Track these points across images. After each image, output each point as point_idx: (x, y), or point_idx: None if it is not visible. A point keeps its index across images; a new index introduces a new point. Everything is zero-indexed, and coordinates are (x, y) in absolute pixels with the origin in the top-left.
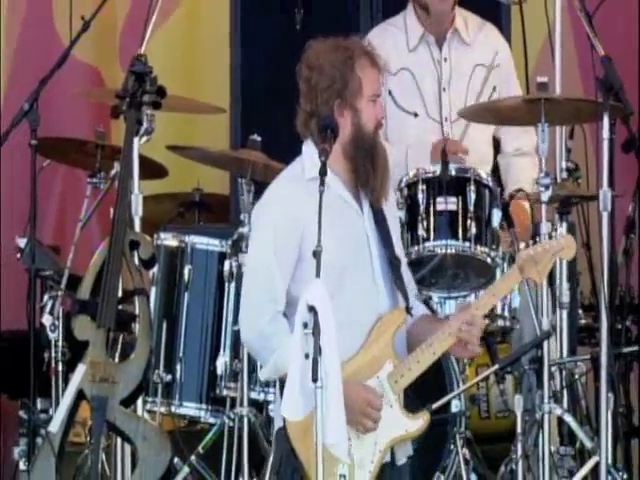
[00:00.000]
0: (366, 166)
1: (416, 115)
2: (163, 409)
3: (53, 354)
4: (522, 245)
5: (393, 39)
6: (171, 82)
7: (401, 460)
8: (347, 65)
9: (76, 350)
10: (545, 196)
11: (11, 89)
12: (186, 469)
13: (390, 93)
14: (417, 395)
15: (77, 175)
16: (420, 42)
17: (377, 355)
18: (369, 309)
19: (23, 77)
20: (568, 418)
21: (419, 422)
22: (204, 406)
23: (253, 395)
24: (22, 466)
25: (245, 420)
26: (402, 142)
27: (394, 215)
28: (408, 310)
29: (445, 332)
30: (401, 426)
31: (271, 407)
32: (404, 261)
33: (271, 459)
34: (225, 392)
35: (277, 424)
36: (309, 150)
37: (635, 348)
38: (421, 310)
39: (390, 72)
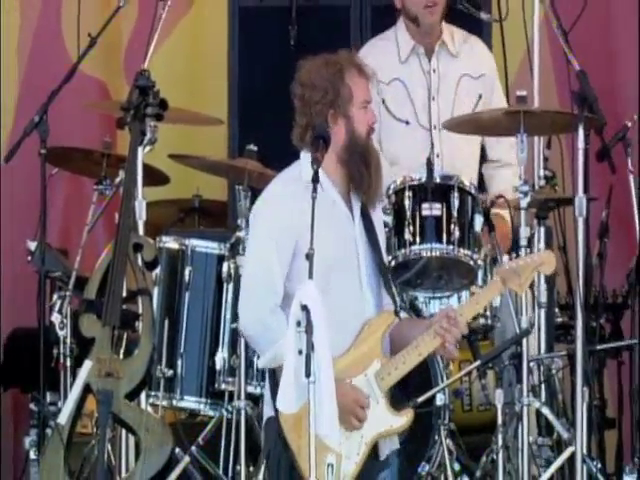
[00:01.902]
0: (360, 169)
1: (407, 123)
2: (165, 402)
3: (62, 350)
4: (505, 258)
5: (385, 52)
6: (173, 95)
7: (384, 454)
8: (337, 76)
9: (83, 347)
10: (524, 202)
11: (23, 101)
12: (187, 459)
13: (384, 102)
14: (403, 389)
15: (83, 182)
16: (411, 54)
17: (366, 354)
18: (354, 312)
19: (34, 90)
20: (546, 411)
21: (403, 419)
22: (204, 399)
23: (250, 389)
24: (32, 455)
25: (242, 412)
26: (394, 150)
27: (380, 222)
28: (396, 313)
29: (431, 334)
30: (386, 422)
31: None
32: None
33: (262, 447)
34: (223, 386)
35: (267, 413)
36: (307, 158)
37: (609, 345)
38: (404, 314)
39: (383, 82)
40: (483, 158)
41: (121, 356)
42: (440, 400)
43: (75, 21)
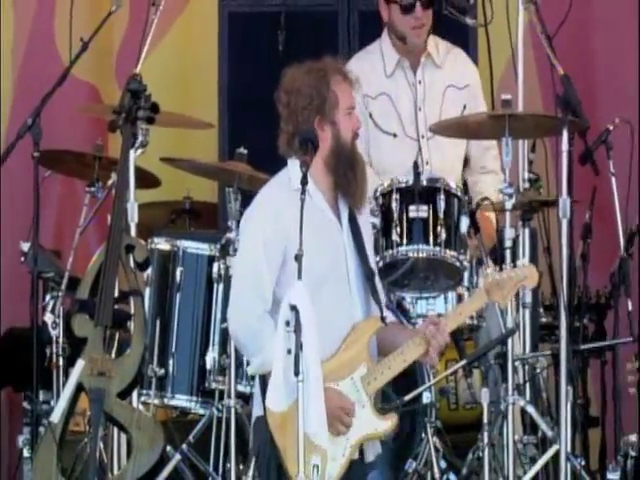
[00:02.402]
0: (347, 174)
1: (395, 135)
2: (156, 401)
3: (54, 350)
4: (489, 270)
5: (371, 66)
6: (164, 99)
7: (370, 457)
8: (322, 83)
9: (76, 346)
10: (509, 204)
11: (16, 105)
12: (178, 456)
13: (371, 116)
14: (391, 388)
15: (76, 185)
16: (396, 68)
17: (353, 358)
18: (344, 317)
19: (27, 94)
20: (530, 409)
21: (388, 423)
22: (194, 398)
23: (240, 388)
24: (26, 453)
25: (232, 411)
26: (383, 162)
27: (367, 228)
28: (382, 319)
29: (416, 341)
30: (371, 425)
31: None
32: (375, 272)
33: (250, 445)
34: (214, 385)
35: (256, 413)
36: (295, 164)
37: (592, 345)
38: (390, 318)
39: (370, 96)
40: (466, 163)
41: (113, 355)
42: (426, 398)
43: (67, 26)
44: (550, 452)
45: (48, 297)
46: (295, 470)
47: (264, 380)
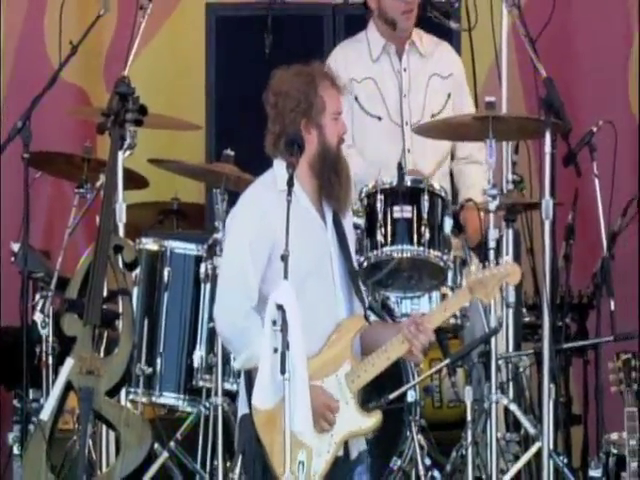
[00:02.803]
0: (332, 177)
1: (380, 119)
2: (144, 399)
3: (44, 349)
4: (473, 267)
5: (357, 51)
6: (152, 101)
7: (354, 454)
8: (310, 87)
9: (65, 345)
10: (493, 205)
11: (6, 107)
12: (165, 454)
13: (356, 99)
14: (376, 386)
15: (65, 186)
16: (382, 53)
17: (337, 356)
18: (328, 315)
19: (17, 96)
20: (513, 407)
21: (372, 420)
22: (182, 396)
23: (227, 386)
24: (16, 450)
25: (219, 409)
26: (367, 144)
27: (351, 229)
28: (366, 317)
29: (399, 339)
30: (356, 422)
31: None
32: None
33: (236, 443)
34: (201, 383)
35: (242, 411)
36: (280, 165)
37: (574, 344)
38: (373, 318)
39: (356, 80)
40: (451, 156)
41: (102, 354)
42: (411, 397)
43: (57, 29)
44: (533, 449)
45: (38, 297)
46: (281, 468)
47: (249, 379)
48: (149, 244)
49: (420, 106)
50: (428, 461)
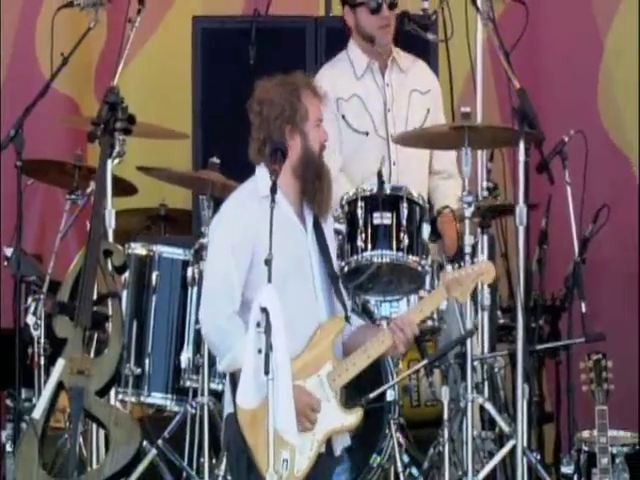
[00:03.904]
0: (314, 183)
1: (367, 134)
2: (133, 398)
3: (36, 350)
4: (449, 267)
5: (342, 71)
6: (140, 110)
7: (338, 451)
8: (294, 95)
9: (56, 346)
10: (468, 212)
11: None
12: (154, 451)
13: (344, 117)
14: (356, 386)
15: (57, 192)
16: (366, 70)
17: (318, 356)
18: (309, 317)
19: (10, 106)
20: (488, 406)
21: (353, 417)
22: (169, 396)
23: (213, 386)
24: (8, 448)
25: (206, 408)
26: (356, 159)
27: (331, 233)
28: (347, 319)
29: (379, 339)
30: (337, 420)
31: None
32: (339, 277)
33: (222, 441)
34: (188, 383)
35: (227, 410)
36: (262, 172)
37: (547, 345)
38: (356, 321)
39: (343, 98)
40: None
41: (92, 355)
42: (390, 396)
43: (48, 41)
44: (507, 447)
45: (30, 300)
46: (265, 465)
47: (234, 379)
48: (138, 249)
49: (403, 120)
50: (406, 458)
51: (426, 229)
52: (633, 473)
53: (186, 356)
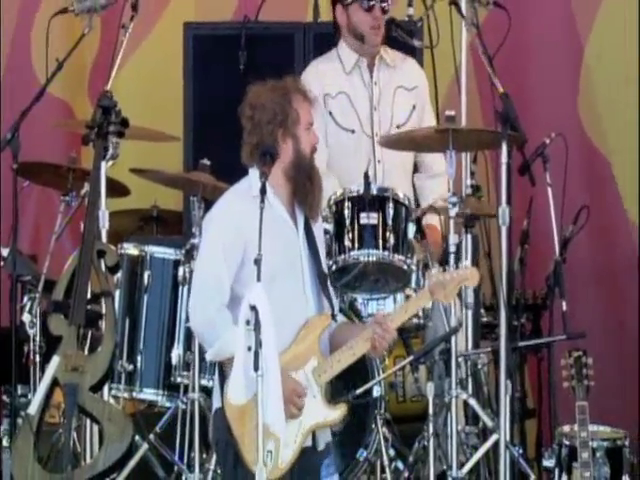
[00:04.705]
0: (306, 184)
1: (353, 132)
2: (126, 394)
3: (32, 347)
4: (434, 270)
5: (330, 67)
6: (133, 114)
7: (321, 445)
8: (285, 100)
9: (51, 344)
10: (453, 212)
11: None
12: (145, 446)
13: (330, 114)
14: (344, 381)
15: (51, 194)
16: (354, 67)
17: (304, 352)
18: (298, 314)
19: (6, 111)
20: (472, 402)
21: (337, 412)
22: (161, 392)
23: (203, 382)
24: (5, 443)
25: (196, 403)
26: (341, 157)
27: (321, 233)
28: (333, 316)
29: (364, 337)
30: (322, 414)
31: None
32: (327, 276)
33: (210, 435)
34: (179, 379)
35: (215, 405)
36: (255, 174)
37: (529, 342)
38: (341, 318)
39: (330, 95)
40: (415, 169)
41: (86, 352)
42: (376, 392)
43: (43, 47)
44: (490, 441)
45: (26, 298)
46: (251, 457)
47: (222, 375)
48: (130, 249)
49: (388, 118)
50: (392, 452)
51: (411, 229)
52: (613, 467)
53: (177, 353)
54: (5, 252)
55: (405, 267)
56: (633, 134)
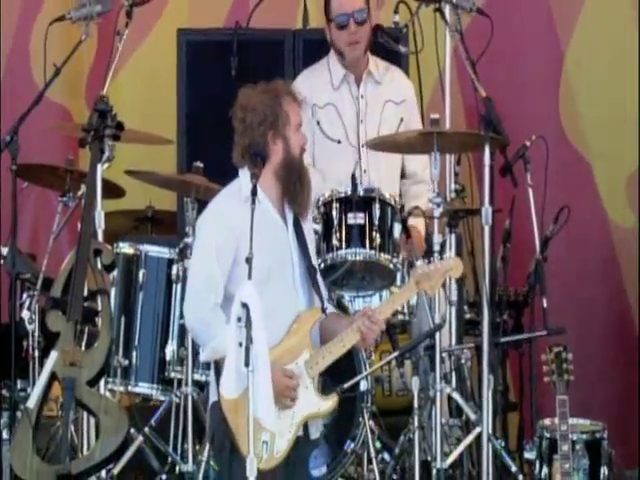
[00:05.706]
0: (295, 184)
1: (339, 142)
2: (122, 388)
3: (30, 343)
4: (419, 262)
5: (320, 79)
6: (128, 118)
7: (314, 435)
8: (275, 102)
9: (50, 339)
10: (437, 212)
11: None
12: (141, 438)
13: (318, 124)
14: (332, 376)
15: (50, 195)
16: (342, 81)
17: (296, 345)
18: (289, 308)
19: (5, 114)
20: (456, 395)
21: (329, 402)
22: (155, 386)
23: (196, 377)
24: (5, 435)
25: (189, 397)
26: (327, 165)
27: (311, 231)
28: (323, 310)
29: (354, 329)
30: (314, 405)
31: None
32: (317, 269)
33: (207, 427)
34: (173, 374)
35: (212, 398)
36: (245, 175)
37: (511, 338)
38: (331, 309)
39: (318, 106)
40: (402, 176)
41: (83, 348)
42: (364, 386)
43: (42, 53)
44: (473, 434)
45: (25, 296)
46: (246, 448)
47: (218, 370)
48: (125, 248)
49: (375, 130)
50: (379, 444)
51: (397, 228)
52: (592, 459)
53: (171, 349)
54: (5, 251)
55: (391, 266)
56: (614, 136)
